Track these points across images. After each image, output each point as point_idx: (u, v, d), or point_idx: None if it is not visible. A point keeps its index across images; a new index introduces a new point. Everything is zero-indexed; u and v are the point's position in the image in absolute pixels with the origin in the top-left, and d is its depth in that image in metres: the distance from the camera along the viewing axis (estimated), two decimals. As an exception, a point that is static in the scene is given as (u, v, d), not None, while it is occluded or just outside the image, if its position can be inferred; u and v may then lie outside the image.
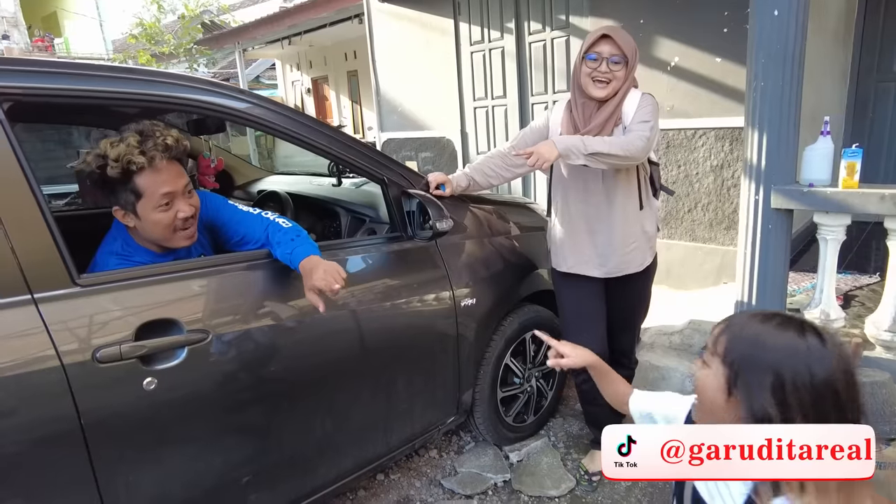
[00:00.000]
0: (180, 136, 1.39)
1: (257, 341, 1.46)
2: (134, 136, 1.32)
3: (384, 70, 6.01)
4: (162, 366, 1.30)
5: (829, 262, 2.19)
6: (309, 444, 1.63)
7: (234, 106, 1.52)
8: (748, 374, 0.83)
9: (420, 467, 2.31)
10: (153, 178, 1.35)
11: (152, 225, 1.39)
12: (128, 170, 1.31)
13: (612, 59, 1.73)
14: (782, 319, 0.85)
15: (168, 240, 1.43)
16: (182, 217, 1.41)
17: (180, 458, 1.39)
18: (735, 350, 0.85)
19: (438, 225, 1.67)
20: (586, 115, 1.81)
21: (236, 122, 1.60)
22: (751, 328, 0.86)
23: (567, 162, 1.74)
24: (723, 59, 3.51)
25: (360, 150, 1.77)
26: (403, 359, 1.84)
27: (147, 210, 1.36)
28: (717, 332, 0.89)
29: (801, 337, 0.81)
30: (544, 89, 4.62)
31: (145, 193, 1.35)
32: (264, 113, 1.57)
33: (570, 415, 2.60)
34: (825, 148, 2.11)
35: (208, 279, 1.42)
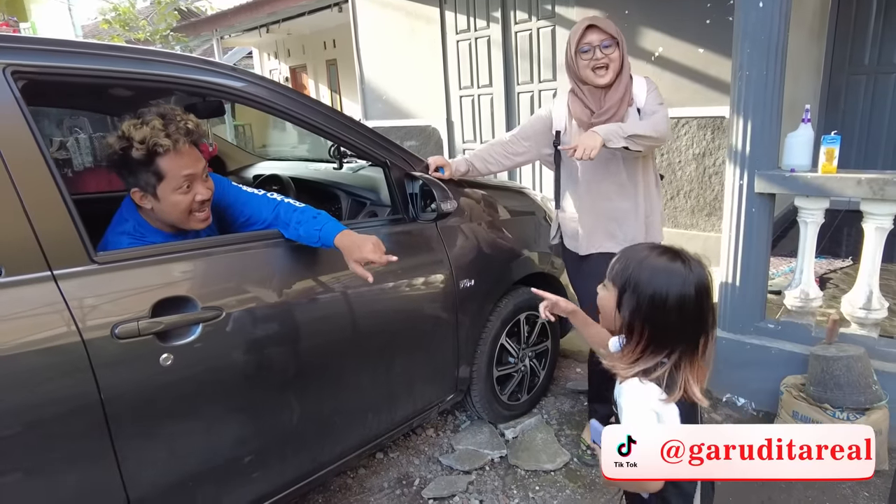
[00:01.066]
0: (198, 121, 1.42)
1: (269, 319, 1.49)
2: (157, 118, 1.34)
3: (368, 58, 6.01)
4: (178, 342, 1.32)
5: (808, 245, 2.30)
6: (316, 420, 1.67)
7: (231, 85, 1.52)
8: (628, 290, 1.01)
9: (418, 446, 2.36)
10: (176, 160, 1.37)
11: (171, 206, 1.41)
12: (153, 152, 1.33)
13: (603, 45, 1.79)
14: (663, 250, 1.03)
15: (184, 222, 1.45)
16: (200, 200, 1.43)
17: (193, 432, 1.42)
18: (623, 272, 1.03)
19: (443, 206, 1.71)
20: (596, 100, 1.87)
21: (235, 101, 1.58)
22: (637, 255, 1.04)
23: (608, 146, 1.76)
24: (706, 49, 3.61)
25: (362, 132, 1.80)
26: (406, 338, 1.89)
27: (167, 192, 1.39)
28: (615, 261, 1.08)
29: (672, 262, 0.99)
30: (530, 78, 4.68)
31: (167, 175, 1.37)
32: (263, 92, 1.57)
33: (561, 394, 2.69)
34: (806, 134, 2.21)
35: (221, 258, 1.45)
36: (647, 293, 0.98)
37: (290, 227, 1.54)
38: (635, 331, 0.99)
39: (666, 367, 0.97)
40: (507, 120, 4.91)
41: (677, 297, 0.96)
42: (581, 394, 2.66)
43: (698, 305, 0.97)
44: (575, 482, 2.09)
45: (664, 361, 0.98)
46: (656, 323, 0.97)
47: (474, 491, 2.08)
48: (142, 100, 1.67)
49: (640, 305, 0.98)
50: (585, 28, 1.80)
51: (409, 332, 1.90)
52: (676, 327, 0.97)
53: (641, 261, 1.01)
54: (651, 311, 0.97)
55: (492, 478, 2.15)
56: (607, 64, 1.80)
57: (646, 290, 0.98)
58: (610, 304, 1.05)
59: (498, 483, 2.12)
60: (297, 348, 1.57)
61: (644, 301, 0.97)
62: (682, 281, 0.97)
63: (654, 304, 0.97)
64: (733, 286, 2.44)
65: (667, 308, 0.96)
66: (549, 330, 2.53)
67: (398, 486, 2.12)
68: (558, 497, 2.03)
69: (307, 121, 1.66)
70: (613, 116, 1.84)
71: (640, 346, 0.99)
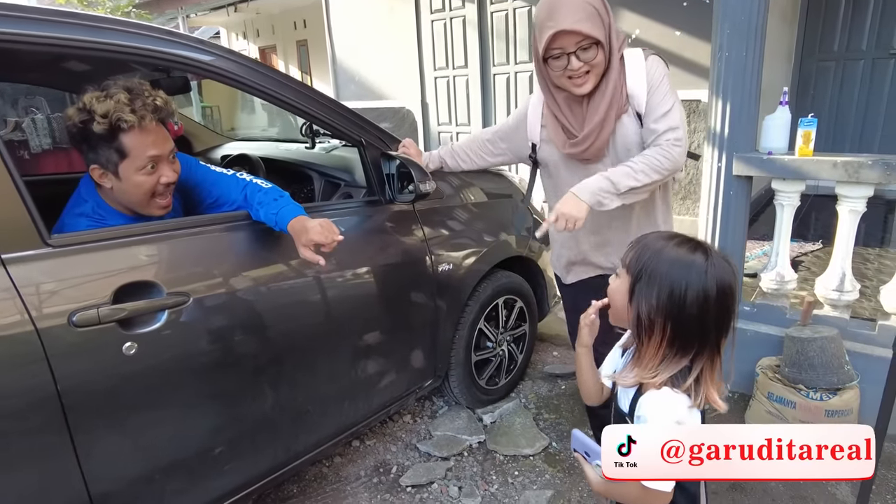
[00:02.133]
0: (168, 97, 1.32)
1: (239, 305, 1.42)
2: (123, 92, 1.24)
3: (341, 38, 5.86)
4: (142, 330, 1.25)
5: (784, 227, 2.31)
6: (290, 409, 1.61)
7: (198, 59, 1.42)
8: (643, 281, 0.92)
9: (395, 432, 2.33)
10: (141, 138, 1.28)
11: (132, 187, 1.32)
12: (116, 127, 1.24)
13: (580, 48, 1.35)
14: (682, 239, 0.94)
15: (144, 205, 1.36)
16: (165, 182, 1.35)
17: (160, 424, 1.35)
18: (639, 261, 0.94)
19: (422, 187, 1.65)
20: (576, 115, 1.49)
21: (203, 76, 1.50)
22: (654, 244, 0.95)
23: (601, 210, 1.42)
24: (682, 32, 3.60)
25: (337, 109, 1.72)
26: (383, 324, 1.84)
27: (129, 171, 1.30)
28: (629, 248, 0.99)
29: (691, 254, 0.91)
30: (506, 60, 4.62)
31: (131, 154, 1.28)
32: (233, 67, 1.47)
33: (538, 378, 2.68)
34: (783, 117, 2.20)
35: (188, 241, 1.37)
36: (665, 286, 0.89)
37: (254, 209, 1.47)
38: (654, 328, 0.91)
39: (694, 374, 0.91)
40: (483, 102, 4.85)
41: (697, 293, 0.88)
42: (559, 377, 2.66)
43: (720, 303, 0.89)
44: (554, 466, 2.09)
45: (689, 366, 0.91)
46: (677, 320, 0.89)
47: (453, 477, 2.05)
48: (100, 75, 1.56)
49: (658, 299, 0.90)
50: (553, 35, 1.35)
51: (386, 318, 1.84)
52: (698, 326, 0.90)
53: (659, 251, 0.92)
54: (670, 307, 0.89)
55: (470, 464, 2.13)
56: (588, 71, 1.39)
57: (663, 283, 0.90)
58: (621, 292, 0.97)
59: (477, 469, 2.10)
60: (269, 335, 1.50)
61: (662, 295, 0.90)
62: (703, 275, 0.89)
63: (673, 299, 0.89)
64: (710, 269, 2.44)
65: (686, 304, 0.88)
66: (527, 314, 2.51)
67: (375, 474, 2.09)
68: (538, 482, 2.02)
69: (280, 97, 1.57)
70: (597, 140, 1.46)
71: (661, 348, 0.91)
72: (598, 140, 1.47)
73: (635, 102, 1.45)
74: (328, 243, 1.37)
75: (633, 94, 1.44)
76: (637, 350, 0.96)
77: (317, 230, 1.35)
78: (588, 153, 1.50)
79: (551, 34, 1.35)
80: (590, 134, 1.46)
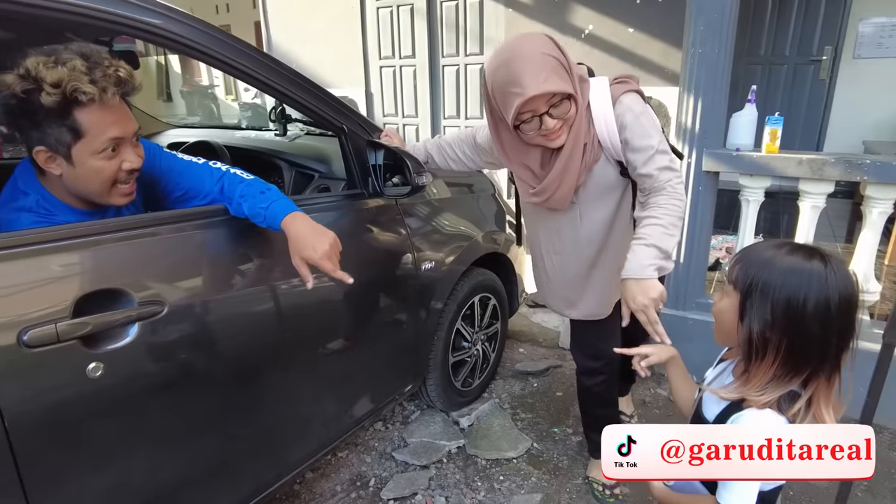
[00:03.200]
0: (131, 69, 1.11)
1: (222, 313, 1.24)
2: (78, 58, 1.02)
3: (278, 24, 5.53)
4: (109, 346, 1.05)
5: (749, 222, 2.37)
6: (277, 426, 1.44)
7: (145, 20, 1.13)
8: (755, 296, 0.85)
9: (367, 442, 2.18)
10: (102, 115, 1.06)
11: (90, 174, 1.10)
12: (71, 100, 1.01)
13: (552, 106, 1.25)
14: (793, 246, 0.88)
15: (103, 195, 1.15)
16: (128, 169, 1.13)
17: (131, 457, 1.15)
18: (747, 275, 0.87)
19: (418, 180, 1.52)
20: (545, 163, 1.41)
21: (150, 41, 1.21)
22: (763, 254, 0.88)
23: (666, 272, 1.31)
24: (635, 29, 3.65)
25: (318, 92, 1.55)
26: (370, 327, 1.70)
27: (85, 155, 1.07)
28: (733, 263, 0.92)
29: (807, 261, 0.84)
30: (456, 51, 4.53)
31: (88, 133, 1.06)
32: (187, 31, 1.20)
33: (510, 376, 2.61)
34: (750, 114, 2.26)
35: (161, 240, 1.16)
36: (780, 299, 0.82)
37: (234, 202, 1.28)
38: (769, 345, 0.83)
39: (806, 397, 0.85)
40: (432, 93, 4.73)
41: (818, 303, 0.80)
42: (530, 375, 2.61)
43: (843, 314, 0.81)
44: (539, 468, 2.03)
45: (799, 391, 0.85)
46: (795, 336, 0.82)
47: (436, 486, 1.95)
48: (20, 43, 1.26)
49: (774, 315, 0.82)
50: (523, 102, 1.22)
51: (371, 321, 1.70)
52: (818, 341, 0.82)
53: (769, 260, 0.84)
54: (787, 322, 0.82)
55: (452, 471, 2.03)
56: (562, 125, 1.30)
57: (779, 296, 0.82)
58: (730, 312, 0.89)
59: (460, 476, 2.00)
60: (256, 345, 1.33)
61: (778, 308, 0.82)
62: (823, 283, 0.81)
63: (790, 313, 0.81)
64: (677, 264, 2.48)
65: (806, 317, 0.81)
66: (499, 311, 2.44)
67: (353, 489, 1.94)
68: (525, 486, 1.95)
69: (248, 71, 1.33)
70: (557, 191, 1.38)
71: (773, 367, 0.84)
72: (559, 191, 1.40)
73: (610, 153, 1.37)
74: (331, 274, 1.22)
75: (606, 144, 1.36)
76: (746, 369, 0.89)
77: (324, 251, 1.19)
78: (550, 203, 1.45)
79: (521, 102, 1.22)
80: (548, 186, 1.40)
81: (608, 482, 1.89)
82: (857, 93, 4.86)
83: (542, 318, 3.16)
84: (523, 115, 1.26)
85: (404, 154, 1.55)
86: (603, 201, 1.47)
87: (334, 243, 1.24)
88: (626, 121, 1.33)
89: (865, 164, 2.03)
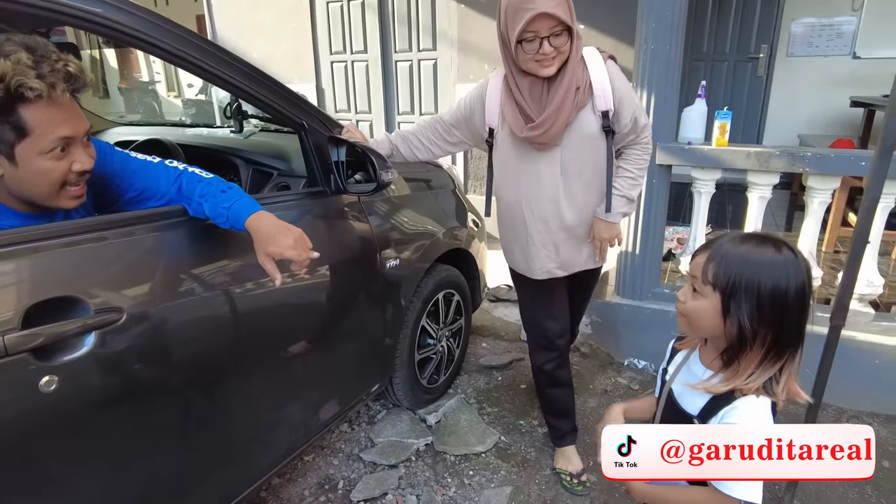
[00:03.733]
0: (81, 64, 1.03)
1: (183, 317, 1.18)
2: (22, 51, 0.94)
3: (223, 18, 5.34)
4: (63, 358, 0.98)
5: (701, 213, 2.47)
6: (242, 433, 1.39)
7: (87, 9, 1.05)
8: (740, 295, 0.87)
9: (333, 444, 2.14)
10: (50, 113, 0.99)
11: (36, 176, 1.02)
12: (15, 96, 0.94)
13: (553, 34, 1.39)
14: (758, 239, 0.90)
15: (51, 197, 1.07)
16: (78, 170, 1.06)
17: (90, 473, 1.08)
18: (727, 274, 0.88)
19: (384, 176, 1.49)
20: (535, 98, 1.51)
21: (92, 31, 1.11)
22: (735, 251, 0.89)
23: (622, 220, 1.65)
24: (587, 26, 3.71)
25: (276, 87, 1.50)
26: (337, 327, 1.66)
27: (31, 154, 1.00)
28: (703, 262, 0.92)
29: (778, 252, 0.87)
30: (408, 46, 4.49)
31: (35, 132, 0.98)
32: (133, 21, 1.12)
33: (474, 370, 2.62)
34: (700, 109, 2.34)
35: (116, 244, 1.10)
36: (765, 292, 0.85)
37: (194, 203, 1.23)
38: (757, 337, 0.86)
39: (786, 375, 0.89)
40: (385, 89, 4.68)
41: (797, 289, 0.85)
42: (494, 369, 2.63)
43: (810, 294, 0.87)
44: (507, 461, 2.04)
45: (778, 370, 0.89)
46: (782, 324, 0.86)
47: (406, 485, 1.93)
48: None
49: (762, 308, 0.85)
50: (533, 17, 1.35)
51: (338, 322, 1.67)
52: (798, 323, 0.87)
53: (744, 258, 0.87)
54: (774, 313, 0.85)
55: (421, 469, 2.02)
56: (556, 55, 1.43)
57: (764, 289, 0.85)
58: (710, 312, 0.90)
59: (429, 473, 1.99)
60: (219, 352, 1.28)
61: (765, 302, 0.85)
62: (797, 270, 0.85)
63: (776, 303, 0.84)
64: (633, 255, 2.55)
65: (789, 304, 0.85)
66: (463, 307, 2.45)
67: (321, 492, 1.90)
68: (494, 479, 1.96)
69: (208, 70, 1.29)
70: (554, 125, 1.48)
71: (760, 355, 0.87)
72: (554, 125, 1.50)
73: (600, 101, 1.51)
74: (301, 262, 1.18)
75: (598, 92, 1.50)
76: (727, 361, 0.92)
77: (289, 242, 1.16)
78: (544, 137, 1.52)
79: (530, 16, 1.36)
80: (547, 119, 1.49)
81: (574, 471, 1.93)
82: (792, 89, 5.11)
83: (504, 312, 3.19)
84: (527, 34, 1.39)
85: (368, 150, 1.52)
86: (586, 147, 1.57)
87: (300, 238, 1.20)
88: (621, 85, 1.52)
89: (807, 157, 2.14)
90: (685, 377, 1.01)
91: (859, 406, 2.31)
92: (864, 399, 2.31)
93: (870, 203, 1.43)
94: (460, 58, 4.21)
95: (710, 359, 0.97)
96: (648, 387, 2.45)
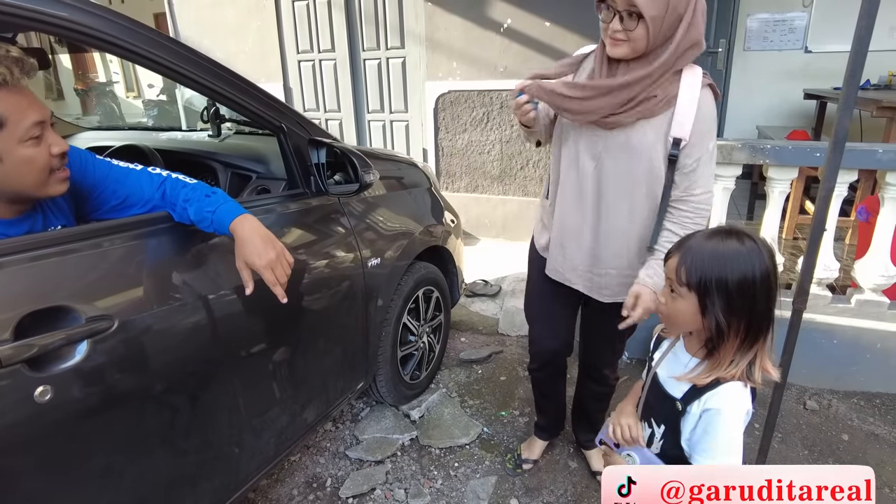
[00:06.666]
0: (20, 51, 1.01)
1: (173, 323, 1.19)
2: None
3: (185, 15, 5.22)
4: (57, 368, 0.99)
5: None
6: (232, 437, 1.40)
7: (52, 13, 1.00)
8: (713, 293, 0.92)
9: (319, 443, 2.16)
10: (16, 99, 0.97)
11: (23, 166, 1.00)
12: None
13: (626, 13, 1.23)
14: (724, 234, 0.95)
15: (42, 186, 1.05)
16: (58, 153, 1.05)
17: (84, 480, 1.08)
18: (697, 274, 0.93)
19: (366, 177, 1.51)
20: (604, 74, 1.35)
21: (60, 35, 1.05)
22: (702, 250, 0.94)
23: None
24: (552, 23, 3.78)
25: (253, 90, 1.51)
26: (321, 328, 1.68)
27: (12, 144, 0.98)
28: (676, 264, 0.97)
29: (741, 244, 0.92)
30: (376, 45, 4.49)
31: (9, 121, 0.97)
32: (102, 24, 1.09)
33: (454, 365, 2.67)
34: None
35: (105, 251, 1.10)
36: (734, 285, 0.90)
37: (178, 208, 1.23)
38: (731, 328, 0.92)
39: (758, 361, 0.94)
40: (354, 88, 4.67)
41: (762, 277, 0.90)
42: (474, 363, 2.68)
43: (775, 279, 0.92)
44: (491, 452, 2.10)
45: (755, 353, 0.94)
46: (753, 312, 0.91)
47: (394, 480, 1.97)
48: None
49: (732, 302, 0.90)
50: None
51: (322, 323, 1.68)
52: (766, 308, 0.92)
53: (711, 255, 0.92)
54: (743, 302, 0.90)
55: (407, 463, 2.06)
56: (625, 39, 1.26)
57: (732, 283, 0.90)
58: (689, 311, 0.95)
59: (416, 467, 2.03)
60: (209, 357, 1.28)
61: (734, 294, 0.90)
62: (760, 259, 0.90)
63: (744, 294, 0.90)
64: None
65: (756, 292, 0.90)
66: (442, 303, 2.49)
67: (310, 491, 1.92)
68: (479, 470, 2.01)
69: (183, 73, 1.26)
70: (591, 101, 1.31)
71: (736, 343, 0.93)
72: (593, 101, 1.32)
73: (675, 125, 1.31)
74: (271, 284, 1.19)
75: (683, 104, 1.30)
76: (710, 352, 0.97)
77: (269, 259, 1.17)
78: (572, 104, 1.34)
79: None
80: (593, 87, 1.31)
81: (526, 456, 2.01)
82: (749, 82, 5.30)
83: (481, 307, 3.24)
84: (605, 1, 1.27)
85: (348, 151, 1.54)
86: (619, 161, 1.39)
87: (281, 254, 1.21)
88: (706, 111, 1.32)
89: (767, 149, 2.24)
90: (671, 364, 1.07)
91: (820, 384, 2.45)
92: (824, 377, 2.45)
93: (825, 193, 1.52)
94: (429, 55, 4.23)
95: (694, 348, 1.03)
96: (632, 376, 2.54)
